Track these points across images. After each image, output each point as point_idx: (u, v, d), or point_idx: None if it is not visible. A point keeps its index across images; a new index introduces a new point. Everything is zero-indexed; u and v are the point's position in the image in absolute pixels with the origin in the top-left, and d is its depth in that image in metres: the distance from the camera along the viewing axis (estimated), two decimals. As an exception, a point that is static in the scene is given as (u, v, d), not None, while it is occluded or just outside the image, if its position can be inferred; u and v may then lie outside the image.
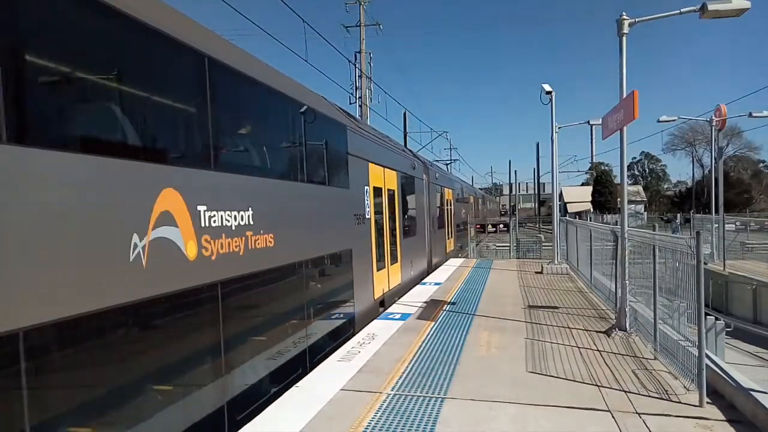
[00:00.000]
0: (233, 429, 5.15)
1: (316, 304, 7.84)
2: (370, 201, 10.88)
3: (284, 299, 6.91)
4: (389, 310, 10.49)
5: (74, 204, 3.57)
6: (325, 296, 8.40)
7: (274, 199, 6.61)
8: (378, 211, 11.50)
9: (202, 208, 4.91)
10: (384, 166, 12.23)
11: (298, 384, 6.08)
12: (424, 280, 14.69)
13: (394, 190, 13.13)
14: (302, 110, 7.73)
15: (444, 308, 10.53)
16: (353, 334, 8.83)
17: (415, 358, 7.06)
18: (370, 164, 11.06)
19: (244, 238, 5.62)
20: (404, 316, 9.73)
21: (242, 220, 5.62)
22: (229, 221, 5.37)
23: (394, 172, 13.25)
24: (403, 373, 6.45)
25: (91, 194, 3.71)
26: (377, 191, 11.54)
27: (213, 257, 5.04)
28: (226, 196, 5.40)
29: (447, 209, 22.76)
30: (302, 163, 7.73)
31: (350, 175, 9.70)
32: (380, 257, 11.61)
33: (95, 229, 3.71)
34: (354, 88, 24.95)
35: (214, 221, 5.11)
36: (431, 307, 10.62)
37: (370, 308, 10.49)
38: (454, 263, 19.14)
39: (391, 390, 5.85)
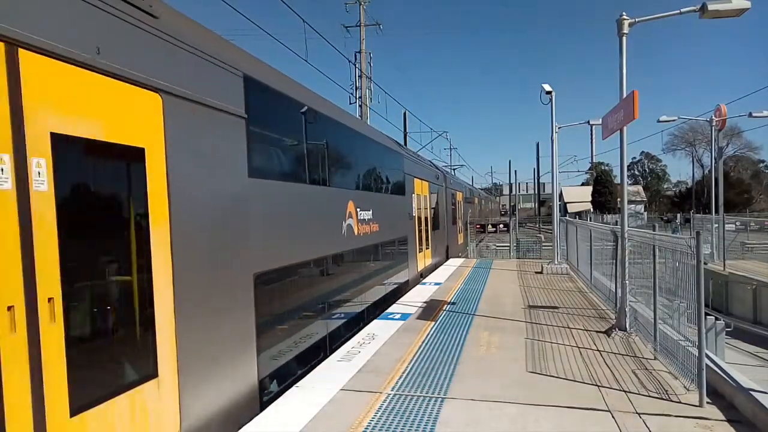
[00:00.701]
0: (372, 315, 10.32)
1: (397, 264, 13.62)
2: (414, 204, 15.69)
3: (385, 259, 12.49)
4: (389, 310, 10.50)
5: (323, 208, 8.49)
6: (400, 262, 13.97)
7: (377, 204, 11.58)
8: (418, 211, 16.26)
9: (359, 209, 10.23)
10: (421, 179, 16.96)
11: (298, 384, 6.08)
12: (423, 280, 14.70)
13: (426, 196, 17.73)
14: (389, 153, 13.65)
15: (444, 308, 10.53)
16: (407, 291, 13.39)
17: (415, 358, 7.06)
18: (414, 179, 15.94)
19: (370, 225, 10.91)
20: (404, 316, 9.73)
21: (369, 215, 10.89)
22: (366, 216, 10.69)
23: (426, 183, 17.92)
24: (403, 373, 6.45)
25: (329, 204, 8.81)
26: (418, 197, 16.26)
27: (362, 234, 10.38)
28: (365, 203, 10.67)
29: (459, 208, 27.56)
30: (387, 183, 13.32)
31: (405, 187, 14.85)
32: (420, 243, 16.41)
33: (333, 219, 8.86)
34: (354, 88, 24.96)
35: (362, 216, 10.40)
36: (431, 307, 10.62)
37: (415, 276, 15.45)
38: (454, 263, 19.14)
39: (391, 390, 5.85)
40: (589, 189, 77.93)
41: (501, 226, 59.71)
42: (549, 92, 15.35)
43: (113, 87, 3.91)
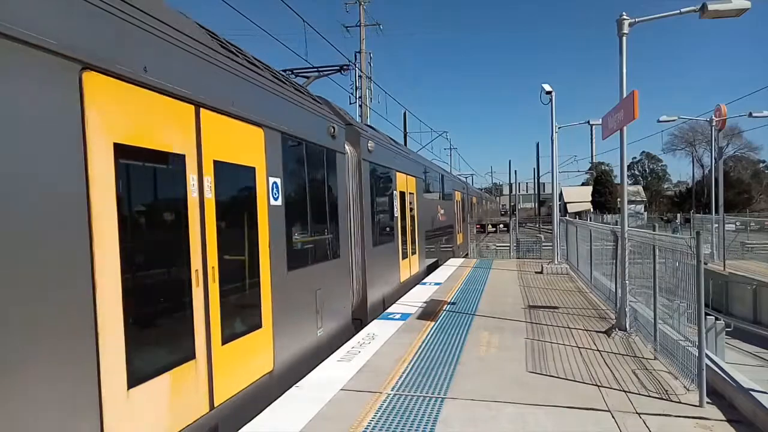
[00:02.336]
0: (432, 269, 17.68)
1: (450, 243, 22.64)
2: (455, 206, 25.54)
3: (444, 239, 21.06)
4: (389, 310, 10.49)
5: (430, 208, 18.30)
6: (450, 241, 22.69)
7: (443, 205, 21.01)
8: (457, 210, 26.01)
9: (441, 207, 20.60)
10: (456, 190, 26.65)
11: (298, 384, 6.08)
12: (424, 280, 14.70)
13: (460, 201, 27.80)
14: (447, 177, 24.81)
15: (444, 308, 10.53)
16: (457, 251, 24.51)
17: (415, 358, 7.06)
18: (455, 191, 26.09)
19: (441, 216, 20.40)
20: (404, 316, 9.73)
21: (443, 211, 21.08)
22: (442, 211, 20.74)
23: (460, 192, 28.57)
24: (403, 373, 6.45)
25: (441, 210, 20.74)
26: (457, 202, 26.32)
27: (442, 219, 20.73)
28: (444, 207, 21.44)
29: (472, 208, 38.37)
30: (444, 193, 21.93)
31: (453, 197, 24.83)
32: (458, 231, 26.18)
33: (445, 217, 21.52)
34: (354, 88, 24.97)
35: (440, 211, 20.21)
36: (431, 307, 10.62)
37: (458, 245, 25.84)
38: (454, 263, 19.15)
39: (391, 390, 5.85)
40: (589, 189, 77.96)
41: (501, 226, 59.77)
42: (549, 92, 15.35)
43: (243, 128, 5.86)
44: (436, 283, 14.00)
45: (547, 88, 15.32)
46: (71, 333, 3.41)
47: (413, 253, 14.89)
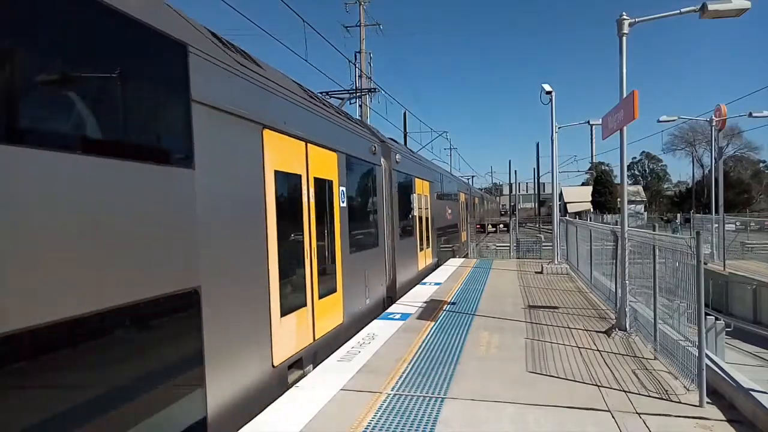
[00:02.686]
0: (452, 250, 22.81)
1: (456, 239, 24.85)
2: (460, 206, 27.42)
3: (451, 236, 23.31)
4: (389, 310, 10.50)
5: (441, 207, 20.83)
6: (456, 237, 25.12)
7: (450, 205, 23.03)
8: (461, 210, 27.77)
9: (448, 208, 22.66)
10: (461, 191, 28.60)
11: (298, 384, 6.08)
12: (424, 280, 14.70)
13: (464, 201, 29.55)
14: (458, 181, 32.05)
15: (444, 308, 10.53)
16: (462, 247, 26.71)
17: (415, 358, 7.06)
18: (461, 193, 28.20)
19: (449, 215, 22.56)
20: (404, 316, 9.73)
21: (451, 211, 23.14)
22: (449, 210, 22.58)
23: (464, 194, 30.28)
24: (403, 373, 6.45)
25: (449, 210, 22.88)
26: (462, 203, 28.52)
27: (450, 218, 22.93)
28: (451, 207, 23.36)
29: (474, 208, 40.61)
30: (451, 194, 24.25)
31: (458, 198, 26.64)
32: (462, 230, 28.03)
33: (452, 216, 23.64)
34: (354, 88, 24.94)
35: (448, 210, 22.26)
36: (431, 307, 10.62)
37: (463, 241, 27.74)
38: (454, 263, 19.15)
39: (391, 390, 5.85)
40: (589, 189, 77.93)
41: (501, 226, 59.75)
42: (549, 92, 15.35)
43: (327, 154, 8.22)
44: (436, 283, 14.00)
45: (547, 88, 15.32)
46: (261, 287, 5.91)
47: (428, 246, 17.08)
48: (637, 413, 5.08)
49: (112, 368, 3.71)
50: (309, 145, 7.38)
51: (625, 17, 8.18)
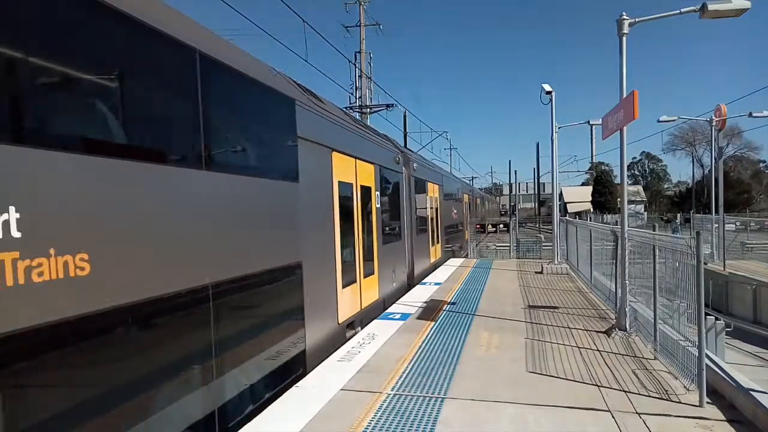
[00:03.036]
0: (455, 247, 24.57)
1: (461, 236, 27.38)
2: (464, 206, 29.57)
3: (457, 234, 25.64)
4: (389, 310, 10.50)
5: (449, 208, 23.28)
6: (461, 234, 27.65)
7: (455, 206, 25.27)
8: (465, 210, 29.70)
9: (454, 208, 24.99)
10: (465, 193, 30.84)
11: (298, 384, 6.08)
12: (423, 280, 14.70)
13: (468, 202, 32.21)
14: (464, 183, 36.95)
15: (444, 308, 10.53)
16: (464, 244, 28.79)
17: (415, 358, 7.06)
18: (464, 194, 30.14)
19: (455, 215, 24.71)
20: (404, 316, 9.73)
21: (456, 211, 25.27)
22: (455, 211, 24.83)
23: (468, 194, 33.14)
24: (403, 373, 6.45)
25: (455, 210, 25.14)
26: (465, 203, 30.22)
27: (456, 217, 25.47)
28: (456, 207, 25.66)
29: (476, 208, 43.75)
30: (456, 196, 27.03)
31: (462, 199, 29.10)
32: (465, 225, 29.84)
33: (457, 216, 26.03)
34: (354, 88, 24.94)
35: (454, 210, 24.61)
36: (431, 307, 10.62)
37: (466, 239, 30.36)
38: (454, 263, 19.14)
39: (391, 390, 5.85)
40: (589, 189, 77.91)
41: (501, 226, 59.77)
42: (549, 92, 15.35)
43: (368, 166, 10.41)
44: (436, 283, 14.00)
45: (547, 88, 15.32)
46: (331, 264, 8.12)
47: (438, 242, 19.41)
48: (637, 413, 5.08)
49: (269, 308, 6.26)
50: (357, 160, 9.73)
51: (625, 17, 8.18)
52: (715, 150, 25.82)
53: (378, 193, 11.06)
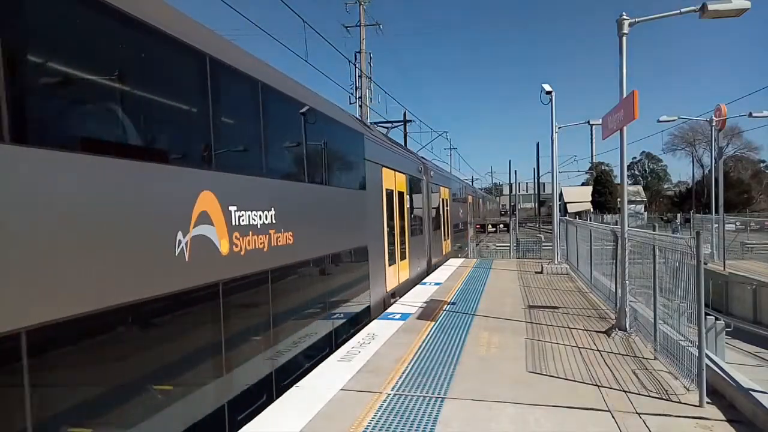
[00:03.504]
0: (458, 245, 26.69)
1: (465, 234, 31.31)
2: (469, 208, 34.34)
3: (462, 231, 29.56)
4: (389, 310, 10.50)
5: (456, 209, 27.35)
6: (465, 233, 31.58)
7: (461, 206, 29.40)
8: (470, 210, 33.88)
9: (460, 209, 29.26)
10: (469, 194, 35.37)
11: (298, 384, 6.08)
12: (423, 280, 14.72)
13: (472, 203, 35.88)
14: (468, 186, 43.05)
15: (444, 308, 10.53)
16: (466, 240, 31.24)
17: (415, 358, 7.06)
18: (468, 195, 35.01)
19: (461, 214, 28.88)
20: (404, 316, 9.73)
21: (462, 211, 29.46)
22: (461, 210, 29.44)
23: (471, 196, 37.09)
24: (403, 373, 6.45)
25: (461, 210, 29.89)
26: (470, 204, 35.14)
27: (462, 216, 29.62)
28: (462, 208, 30.18)
29: (479, 208, 46.37)
30: (462, 197, 31.38)
31: (467, 200, 33.39)
32: (469, 226, 33.33)
33: (463, 215, 30.64)
34: (354, 88, 24.94)
35: (460, 210, 28.87)
36: (431, 307, 10.62)
37: (470, 238, 33.70)
38: (454, 263, 19.14)
39: (391, 390, 5.85)
40: (589, 189, 77.91)
41: (501, 226, 59.79)
42: (549, 92, 15.35)
43: (402, 176, 13.87)
44: (436, 283, 14.00)
45: (547, 88, 15.32)
46: (382, 248, 11.60)
47: (448, 238, 22.91)
48: (637, 413, 5.08)
49: (356, 273, 9.87)
50: (395, 172, 13.02)
51: (625, 17, 8.17)
52: (715, 150, 25.82)
53: (408, 196, 14.53)
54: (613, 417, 5.01)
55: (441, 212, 20.67)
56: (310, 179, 7.78)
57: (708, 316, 10.58)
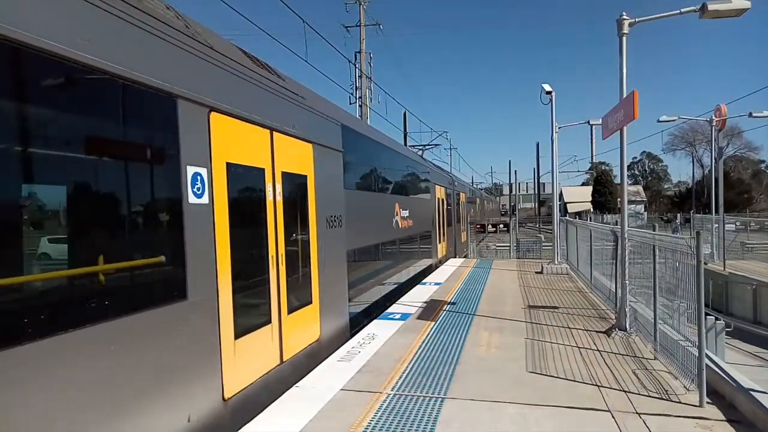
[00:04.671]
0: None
1: (462, 230, 30.73)
2: (478, 208, 42.81)
3: (472, 228, 37.22)
4: (389, 310, 10.50)
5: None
6: (473, 228, 38.51)
7: (469, 207, 34.17)
8: (476, 210, 40.55)
9: (469, 208, 35.19)
10: (477, 197, 43.12)
11: (298, 384, 6.08)
12: (423, 280, 14.71)
13: (477, 204, 42.78)
14: (472, 191, 44.43)
15: (444, 308, 10.53)
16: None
17: (415, 358, 7.06)
18: (476, 197, 42.38)
19: (469, 214, 33.81)
20: (404, 316, 9.73)
21: (471, 211, 36.24)
22: (470, 211, 35.04)
23: (478, 198, 45.60)
24: (403, 373, 6.45)
25: (470, 210, 37.01)
26: (476, 205, 41.52)
27: (470, 216, 35.28)
28: (470, 209, 34.97)
29: (482, 208, 50.16)
30: (470, 200, 36.71)
31: (475, 201, 40.78)
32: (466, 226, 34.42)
33: (470, 215, 35.68)
34: (354, 88, 24.97)
35: (469, 210, 34.83)
36: (431, 307, 10.62)
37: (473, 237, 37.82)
38: (454, 263, 19.16)
39: (391, 390, 5.85)
40: (589, 189, 77.97)
41: (501, 226, 59.78)
42: (549, 92, 15.34)
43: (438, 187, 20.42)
44: (436, 283, 14.00)
45: (547, 88, 15.31)
46: (435, 235, 19.55)
47: (465, 230, 28.68)
48: (637, 413, 5.08)
49: (431, 243, 18.58)
50: (437, 186, 19.34)
51: (625, 17, 8.17)
52: (715, 150, 25.83)
53: (445, 202, 20.94)
54: (613, 417, 5.01)
55: (461, 211, 27.93)
56: (412, 193, 15.65)
57: (708, 316, 10.59)
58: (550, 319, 9.31)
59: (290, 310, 6.50)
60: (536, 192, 74.95)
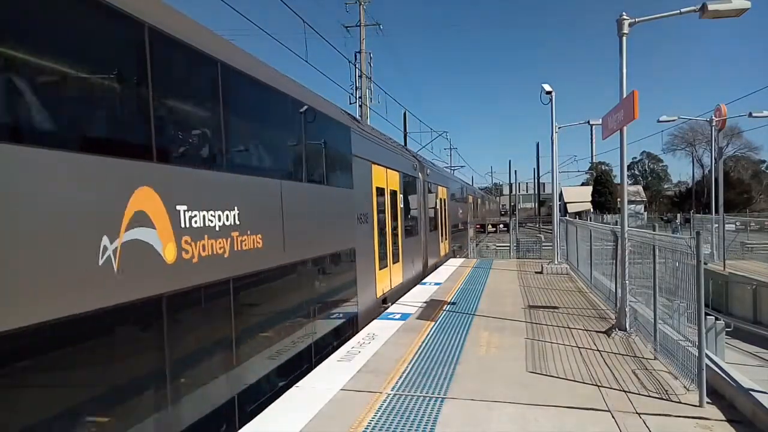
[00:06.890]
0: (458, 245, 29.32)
1: (467, 232, 33.75)
2: (468, 206, 35.46)
3: (464, 230, 32.45)
4: (389, 310, 10.50)
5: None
6: (467, 231, 34.37)
7: (463, 206, 31.80)
8: (471, 209, 35.27)
9: (463, 207, 33.65)
10: (470, 195, 36.38)
11: (298, 384, 6.08)
12: (423, 280, 14.71)
13: (472, 203, 37.17)
14: (467, 188, 39.38)
15: (444, 308, 10.53)
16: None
17: (415, 358, 7.06)
18: (469, 196, 35.79)
19: (471, 215, 36.39)
20: (404, 316, 9.73)
21: (474, 211, 39.44)
22: (473, 211, 38.50)
23: (472, 197, 38.82)
24: (403, 373, 6.45)
25: (473, 210, 39.59)
26: (470, 204, 36.00)
27: (472, 216, 38.68)
28: (467, 208, 34.63)
29: (481, 207, 49.32)
30: (464, 198, 34.54)
31: (476, 203, 42.12)
32: (470, 226, 35.99)
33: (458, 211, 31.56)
34: (354, 88, 24.95)
35: (469, 210, 35.94)
36: (431, 307, 10.62)
37: (467, 239, 33.80)
38: (454, 263, 19.15)
39: (391, 390, 5.85)
40: (589, 189, 77.93)
41: (501, 226, 59.80)
42: (549, 92, 15.34)
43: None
44: (436, 283, 14.00)
45: (547, 88, 15.31)
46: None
47: (467, 229, 29.51)
48: (637, 413, 5.08)
49: (464, 233, 28.93)
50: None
51: (625, 17, 8.17)
52: (715, 150, 25.82)
53: (469, 202, 24.99)
54: (613, 417, 5.01)
55: (477, 209, 34.31)
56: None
57: (708, 316, 10.58)
58: (550, 319, 9.31)
59: (394, 263, 12.61)
60: (536, 192, 74.87)
